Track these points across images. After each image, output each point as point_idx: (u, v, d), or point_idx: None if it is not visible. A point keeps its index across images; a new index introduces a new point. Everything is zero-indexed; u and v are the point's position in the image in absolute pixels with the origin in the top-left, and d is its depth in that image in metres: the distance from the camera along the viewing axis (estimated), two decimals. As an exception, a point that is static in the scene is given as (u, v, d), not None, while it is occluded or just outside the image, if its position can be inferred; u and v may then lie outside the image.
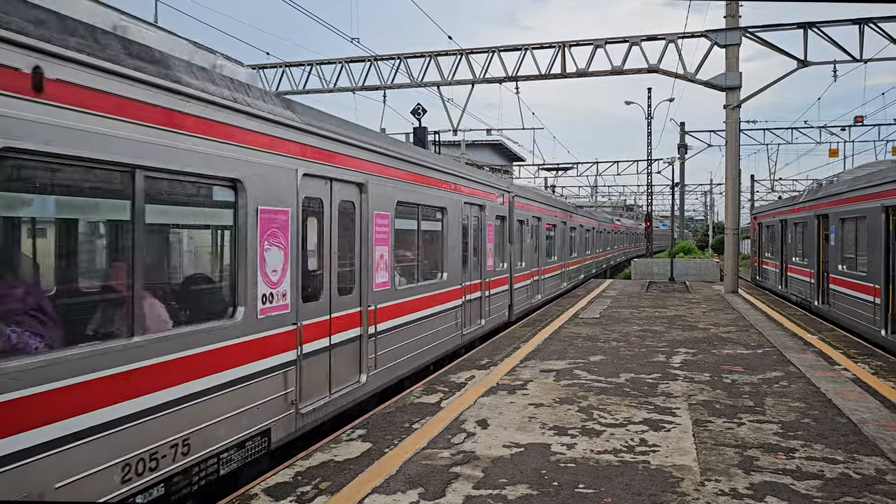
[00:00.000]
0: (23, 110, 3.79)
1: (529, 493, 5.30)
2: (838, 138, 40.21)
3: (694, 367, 10.23)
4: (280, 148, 6.33)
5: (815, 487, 5.44)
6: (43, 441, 3.91)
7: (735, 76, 21.98)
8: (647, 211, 47.94)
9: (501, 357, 11.11)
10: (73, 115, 4.11)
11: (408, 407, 7.94)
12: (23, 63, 3.81)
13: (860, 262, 14.24)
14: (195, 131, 5.18)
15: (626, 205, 75.92)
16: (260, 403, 5.97)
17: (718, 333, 13.78)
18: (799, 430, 6.99)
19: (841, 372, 9.92)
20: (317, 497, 5.24)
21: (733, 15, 22.04)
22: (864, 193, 13.99)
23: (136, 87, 4.61)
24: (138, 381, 4.60)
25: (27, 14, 3.96)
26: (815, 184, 22.43)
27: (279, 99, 6.71)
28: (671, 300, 20.97)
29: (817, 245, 18.16)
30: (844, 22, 21.02)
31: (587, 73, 23.44)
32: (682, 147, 43.37)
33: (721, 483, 5.52)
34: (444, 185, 11.31)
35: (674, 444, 6.51)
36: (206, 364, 5.28)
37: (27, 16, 3.94)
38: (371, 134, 8.67)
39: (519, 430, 6.98)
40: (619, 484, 5.50)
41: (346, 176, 7.63)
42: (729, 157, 23.05)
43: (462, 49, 24.62)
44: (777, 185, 54.07)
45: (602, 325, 14.95)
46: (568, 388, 8.84)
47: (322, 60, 26.35)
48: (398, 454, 6.23)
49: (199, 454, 5.19)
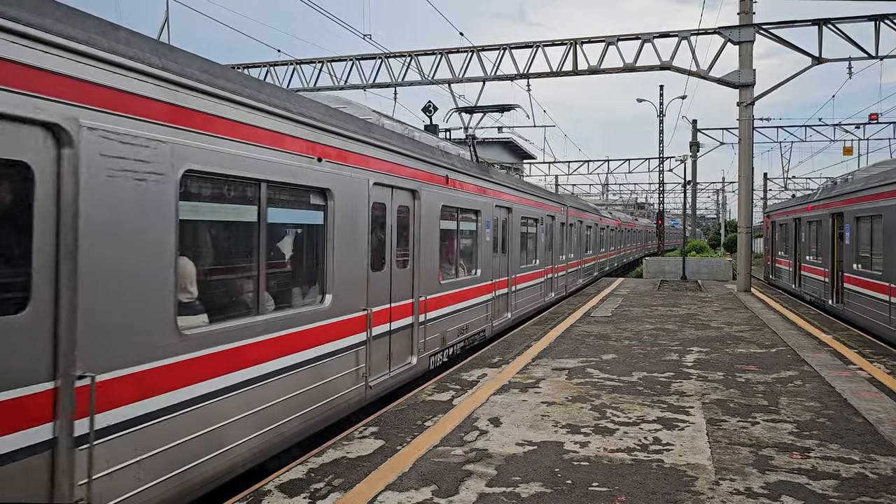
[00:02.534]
0: (195, 141, 4.96)
1: (543, 491, 5.29)
2: (853, 136, 39.83)
3: (707, 366, 10.17)
4: (357, 162, 7.50)
5: (832, 487, 5.39)
6: (213, 389, 5.10)
7: (748, 73, 21.81)
8: (659, 209, 47.72)
9: (513, 355, 11.09)
10: (224, 142, 5.26)
11: (420, 405, 7.94)
12: (188, 101, 4.91)
13: (875, 261, 14.10)
14: (301, 151, 6.36)
15: (638, 203, 75.59)
16: (342, 374, 7.19)
17: (732, 332, 13.70)
18: (814, 430, 6.93)
19: (856, 371, 9.83)
20: (330, 494, 5.25)
21: (747, 11, 21.86)
22: (879, 192, 13.85)
23: (266, 118, 5.80)
24: (260, 351, 5.74)
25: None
26: (829, 182, 22.23)
27: (352, 118, 7.75)
28: (683, 299, 20.86)
29: (831, 244, 18.01)
30: (860, 18, 20.81)
31: (599, 70, 23.34)
32: (694, 145, 43.11)
33: (736, 482, 5.48)
34: (479, 189, 12.51)
35: (688, 443, 6.48)
36: (305, 340, 6.43)
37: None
38: (421, 145, 9.87)
39: (532, 429, 6.96)
40: (632, 482, 5.47)
41: (403, 184, 8.82)
42: (742, 154, 22.89)
43: (473, 46, 24.57)
44: (790, 183, 53.64)
45: (614, 324, 14.89)
46: (580, 387, 8.81)
47: (333, 58, 26.38)
48: (411, 451, 6.23)
49: (303, 412, 6.41)
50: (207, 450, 5.04)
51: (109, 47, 4.21)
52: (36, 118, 3.71)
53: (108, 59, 4.17)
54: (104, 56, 4.13)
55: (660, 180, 45.94)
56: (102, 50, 4.14)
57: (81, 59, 3.99)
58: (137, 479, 4.39)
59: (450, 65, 24.80)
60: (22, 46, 3.63)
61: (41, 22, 3.76)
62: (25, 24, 3.65)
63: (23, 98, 3.63)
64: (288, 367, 6.14)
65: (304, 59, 26.72)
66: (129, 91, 4.33)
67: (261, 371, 5.72)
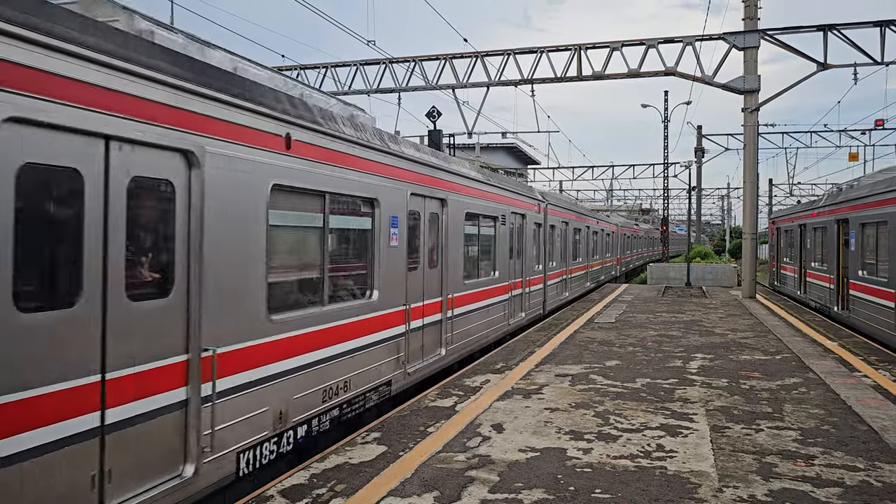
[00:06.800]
0: (279, 161, 6.03)
1: (545, 498, 5.27)
2: (858, 142, 39.75)
3: (711, 373, 10.14)
4: (398, 175, 8.63)
5: (836, 495, 5.36)
6: (293, 367, 6.27)
7: (753, 79, 21.79)
8: (664, 215, 47.62)
9: (516, 361, 11.08)
10: (301, 161, 6.38)
11: (422, 410, 7.93)
12: (281, 130, 6.10)
13: (881, 268, 14.04)
14: (354, 167, 7.45)
15: (642, 208, 75.47)
16: (386, 361, 8.27)
17: (736, 339, 13.65)
18: (818, 437, 6.90)
19: (861, 379, 9.79)
20: (332, 499, 5.25)
21: (752, 17, 21.85)
22: (885, 198, 13.80)
23: (334, 141, 7.00)
24: (326, 336, 6.87)
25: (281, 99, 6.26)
26: (834, 188, 22.15)
27: (391, 136, 8.88)
28: (688, 305, 20.81)
29: (837, 250, 17.94)
30: (865, 24, 20.76)
31: (603, 75, 23.34)
32: (698, 150, 43.05)
33: (739, 489, 5.46)
34: (498, 197, 13.44)
35: (691, 450, 6.45)
36: (357, 329, 7.51)
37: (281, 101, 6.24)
38: (449, 158, 11.34)
39: (534, 435, 6.95)
40: (635, 489, 5.45)
41: (434, 193, 9.96)
42: (747, 160, 22.85)
43: (477, 52, 24.61)
44: (796, 189, 53.49)
45: (618, 330, 14.86)
46: (584, 393, 8.79)
47: (337, 63, 26.45)
48: (413, 457, 6.22)
49: (356, 391, 7.49)
50: (294, 412, 6.30)
51: (227, 90, 5.40)
52: (177, 146, 4.82)
53: (226, 100, 5.35)
54: (224, 98, 5.32)
55: (664, 186, 45.85)
56: (224, 93, 5.33)
57: (209, 101, 5.17)
58: (244, 431, 5.58)
59: (454, 70, 24.85)
60: (173, 94, 4.79)
61: (190, 76, 5.00)
62: (179, 76, 4.87)
63: (169, 131, 4.75)
64: (348, 351, 7.31)
65: (309, 65, 26.78)
66: (238, 123, 5.51)
67: (327, 353, 6.89)
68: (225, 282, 5.30)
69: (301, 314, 6.50)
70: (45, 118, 3.84)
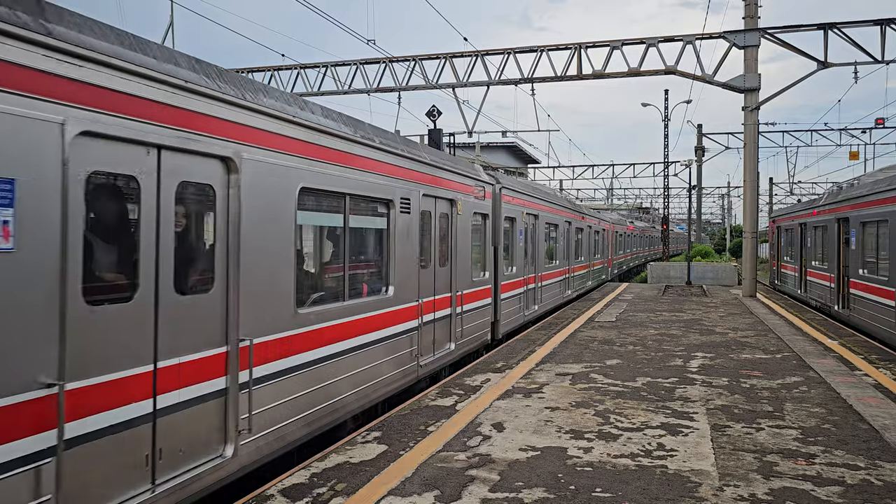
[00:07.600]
0: (306, 165, 6.44)
1: (546, 497, 5.27)
2: (859, 141, 39.77)
3: (712, 372, 10.13)
4: (412, 177, 9.00)
5: (836, 494, 5.36)
6: (319, 356, 6.69)
7: (754, 78, 21.78)
8: (664, 214, 47.61)
9: (517, 360, 11.07)
10: (324, 166, 6.76)
11: (423, 409, 7.93)
12: (307, 137, 6.50)
13: (881, 267, 14.04)
14: (371, 169, 7.82)
15: (642, 207, 75.45)
16: (403, 353, 8.68)
17: (736, 338, 13.65)
18: (819, 436, 6.89)
19: (862, 377, 9.78)
20: (333, 499, 5.24)
21: (752, 16, 21.84)
22: (885, 196, 13.79)
23: (352, 145, 7.36)
24: (348, 329, 7.28)
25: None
26: (835, 187, 22.15)
27: (402, 139, 9.23)
28: (688, 304, 20.81)
29: (837, 249, 17.94)
30: (866, 23, 20.76)
31: (604, 74, 23.34)
32: (699, 149, 42.99)
33: (740, 488, 5.45)
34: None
35: (692, 449, 6.45)
36: (374, 323, 7.89)
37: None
38: (457, 160, 11.65)
39: (535, 434, 6.95)
40: (636, 488, 5.45)
41: (444, 195, 10.30)
42: (747, 159, 22.84)
43: (477, 51, 24.61)
44: (796, 188, 53.49)
45: (618, 329, 14.86)
46: (584, 392, 8.79)
47: (337, 62, 26.44)
48: (413, 456, 6.22)
49: (374, 381, 7.84)
50: (322, 399, 6.70)
51: (260, 101, 5.76)
52: (218, 154, 5.20)
53: (262, 110, 5.73)
54: (259, 108, 5.69)
55: (665, 185, 45.83)
56: (258, 104, 5.71)
57: (249, 112, 5.57)
58: (278, 416, 5.98)
59: (454, 69, 24.85)
60: (216, 106, 5.20)
61: (233, 91, 5.43)
62: (221, 91, 5.27)
63: (213, 140, 5.15)
64: (367, 343, 7.69)
65: (309, 64, 26.78)
66: (272, 131, 5.90)
67: (348, 345, 7.28)
68: (258, 277, 5.68)
69: (324, 308, 6.91)
70: (111, 131, 4.26)
